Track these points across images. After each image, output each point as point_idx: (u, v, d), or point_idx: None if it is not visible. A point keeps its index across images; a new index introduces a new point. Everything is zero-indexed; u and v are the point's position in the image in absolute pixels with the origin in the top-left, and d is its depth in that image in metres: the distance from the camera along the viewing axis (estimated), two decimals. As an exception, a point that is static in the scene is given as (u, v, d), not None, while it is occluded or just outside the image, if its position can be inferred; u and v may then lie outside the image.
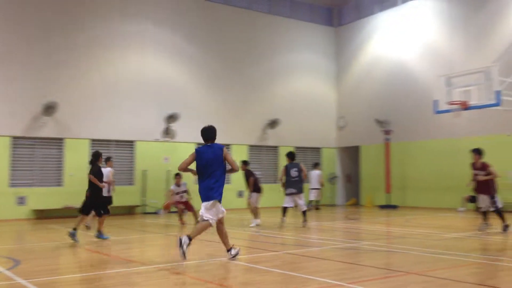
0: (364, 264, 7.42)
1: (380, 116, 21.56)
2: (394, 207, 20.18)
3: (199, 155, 7.90)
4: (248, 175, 13.45)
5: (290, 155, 13.26)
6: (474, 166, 11.37)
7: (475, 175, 11.32)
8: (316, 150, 23.70)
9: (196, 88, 20.60)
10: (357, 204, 22.96)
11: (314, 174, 19.30)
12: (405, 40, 21.32)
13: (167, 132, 19.45)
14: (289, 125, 22.43)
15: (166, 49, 19.91)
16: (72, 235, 9.95)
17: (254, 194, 13.35)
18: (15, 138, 16.83)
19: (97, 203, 10.63)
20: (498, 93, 13.62)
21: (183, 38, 20.38)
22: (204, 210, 7.69)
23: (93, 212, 10.86)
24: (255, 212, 13.30)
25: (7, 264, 7.68)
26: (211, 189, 7.58)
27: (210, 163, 7.70)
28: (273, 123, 21.82)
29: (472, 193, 17.83)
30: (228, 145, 21.14)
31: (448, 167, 19.10)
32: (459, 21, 19.27)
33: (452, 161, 19.04)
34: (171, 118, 19.23)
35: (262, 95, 22.18)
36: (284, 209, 13.06)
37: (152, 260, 8.11)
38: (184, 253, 7.46)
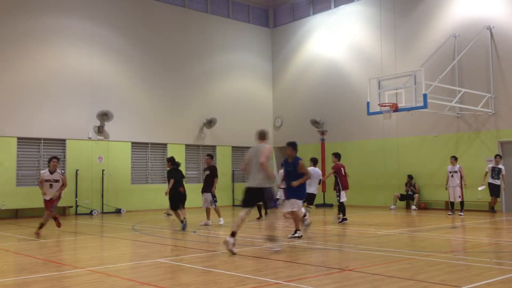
0: (301, 262, 7.55)
1: (315, 117, 22.04)
2: (329, 205, 20.70)
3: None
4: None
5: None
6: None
7: None
8: (254, 149, 23.82)
9: (132, 86, 20.12)
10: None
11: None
12: (339, 43, 21.94)
13: (101, 131, 18.86)
14: (226, 125, 22.44)
15: (100, 45, 19.29)
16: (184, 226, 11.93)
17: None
18: None
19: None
20: (425, 96, 14.30)
21: (119, 34, 19.83)
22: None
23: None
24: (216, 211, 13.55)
25: None
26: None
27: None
28: (210, 123, 21.73)
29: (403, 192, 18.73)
30: (164, 144, 20.84)
31: (381, 166, 19.87)
32: (388, 26, 20.09)
33: (384, 161, 19.83)
34: (105, 116, 18.66)
35: (199, 94, 22.02)
36: (259, 208, 14.71)
37: (86, 262, 7.83)
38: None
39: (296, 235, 9.95)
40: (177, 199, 12.55)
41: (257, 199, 8.69)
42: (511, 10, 16.69)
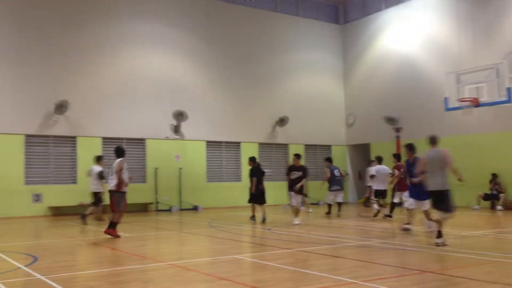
0: (378, 262, 7.42)
1: (389, 113, 21.48)
2: (398, 204, 20.05)
3: None
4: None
5: (330, 159, 15.96)
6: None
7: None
8: (326, 147, 23.68)
9: (206, 87, 20.66)
10: (368, 201, 22.87)
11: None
12: (413, 37, 21.21)
13: (177, 130, 19.55)
14: (298, 123, 22.43)
15: (176, 48, 19.99)
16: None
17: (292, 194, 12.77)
18: (29, 136, 17.00)
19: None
20: (509, 90, 13.53)
21: (193, 37, 20.43)
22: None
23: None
24: (295, 211, 12.70)
25: (25, 260, 7.79)
26: None
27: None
28: (282, 121, 21.84)
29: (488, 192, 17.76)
30: (238, 143, 21.21)
31: (461, 164, 18.91)
32: (467, 17, 19.13)
33: (465, 159, 18.91)
34: (180, 116, 19.32)
35: (270, 93, 22.19)
36: (329, 206, 15.38)
37: (166, 256, 8.18)
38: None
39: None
40: (257, 196, 13.87)
41: (439, 200, 8.78)
42: None
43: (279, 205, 18.96)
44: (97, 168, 14.18)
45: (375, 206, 14.54)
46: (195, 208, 19.21)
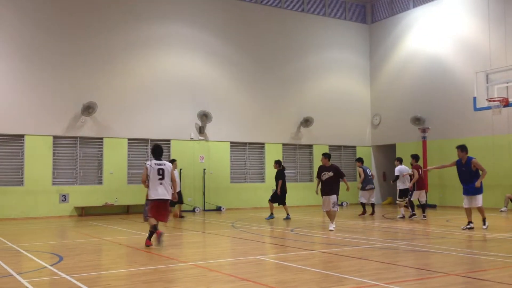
0: (402, 265, 7.33)
1: (416, 114, 21.19)
2: (432, 206, 19.78)
3: None
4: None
5: (361, 160, 16.35)
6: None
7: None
8: (351, 148, 23.50)
9: (230, 87, 20.74)
10: (393, 203, 22.60)
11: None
12: (441, 36, 20.87)
13: (202, 131, 19.69)
14: (323, 124, 22.31)
15: (201, 49, 20.13)
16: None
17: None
18: (57, 137, 17.37)
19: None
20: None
21: (217, 38, 20.54)
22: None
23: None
24: (329, 215, 12.04)
25: (51, 259, 7.96)
26: None
27: None
28: (306, 122, 21.76)
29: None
30: (262, 144, 21.23)
31: (488, 165, 18.54)
32: (497, 15, 18.72)
33: (492, 159, 18.53)
34: (205, 117, 19.45)
35: (295, 94, 22.13)
36: (364, 205, 15.85)
37: (189, 257, 8.24)
38: None
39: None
40: (281, 197, 14.94)
41: None
42: None
43: (303, 206, 18.88)
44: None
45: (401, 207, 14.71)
46: (218, 209, 19.30)
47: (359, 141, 23.62)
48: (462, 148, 11.55)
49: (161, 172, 9.14)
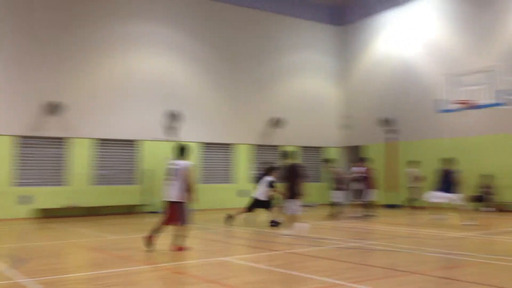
0: (367, 264, 7.38)
1: (384, 115, 21.49)
2: (398, 206, 20.08)
3: None
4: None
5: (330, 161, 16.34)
6: None
7: None
8: (320, 149, 23.65)
9: (200, 87, 20.58)
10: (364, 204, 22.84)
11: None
12: (410, 39, 21.22)
13: (171, 131, 19.47)
14: (293, 124, 22.37)
15: (169, 48, 19.90)
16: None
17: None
18: (20, 137, 16.85)
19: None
20: (503, 93, 13.53)
21: (187, 37, 20.36)
22: None
23: None
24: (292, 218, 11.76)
25: (11, 263, 7.69)
26: None
27: None
28: (277, 122, 21.79)
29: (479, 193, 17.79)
30: (231, 144, 21.15)
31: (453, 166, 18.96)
32: (463, 19, 19.16)
33: (458, 161, 18.93)
34: (174, 117, 19.25)
35: (266, 94, 22.14)
36: (338, 205, 15.58)
37: (153, 259, 8.10)
38: None
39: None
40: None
41: None
42: None
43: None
44: (269, 178, 13.40)
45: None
46: (187, 210, 19.09)
47: (328, 142, 23.80)
48: (448, 161, 13.11)
49: (174, 173, 8.83)
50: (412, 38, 21.14)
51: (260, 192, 13.29)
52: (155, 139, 19.19)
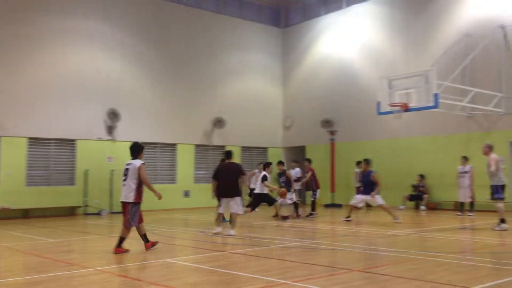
0: (309, 263, 7.53)
1: (325, 117, 21.99)
2: (338, 205, 20.62)
3: None
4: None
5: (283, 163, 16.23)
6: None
7: None
8: (263, 149, 23.86)
9: (142, 86, 20.20)
10: (303, 203, 23.25)
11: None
12: (350, 42, 21.86)
13: (110, 131, 18.98)
14: (236, 125, 22.44)
15: (111, 46, 19.40)
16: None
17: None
18: None
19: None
20: (436, 96, 14.19)
21: (127, 35, 19.92)
22: None
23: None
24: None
25: None
26: None
27: None
28: (219, 122, 21.76)
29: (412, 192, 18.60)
30: (174, 144, 20.91)
31: (391, 166, 19.75)
32: (399, 25, 19.98)
33: (393, 161, 19.72)
34: (114, 116, 18.78)
35: (209, 94, 22.05)
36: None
37: (94, 262, 7.87)
38: None
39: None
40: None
41: None
42: (523, 9, 16.52)
43: (215, 206, 18.81)
44: (263, 173, 14.12)
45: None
46: (128, 211, 18.66)
47: (270, 143, 24.05)
48: (367, 162, 13.60)
49: (125, 173, 8.76)
50: (351, 41, 21.79)
51: (260, 187, 13.90)
52: (95, 138, 18.66)
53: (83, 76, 18.61)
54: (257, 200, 13.95)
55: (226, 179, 10.96)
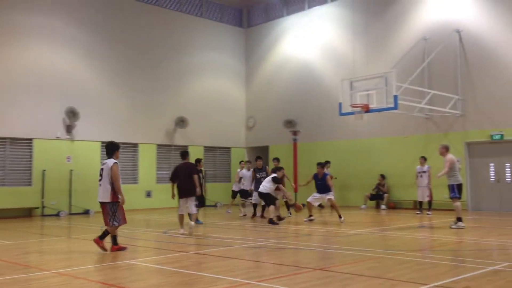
0: (272, 262, 7.55)
1: (288, 117, 22.14)
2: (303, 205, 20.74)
3: None
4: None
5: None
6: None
7: None
8: (226, 150, 23.80)
9: (102, 85, 19.78)
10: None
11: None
12: (312, 44, 22.09)
13: (69, 130, 18.50)
14: (199, 125, 22.30)
15: (70, 43, 18.90)
16: None
17: None
18: None
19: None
20: (395, 98, 14.51)
21: (90, 32, 19.47)
22: None
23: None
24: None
25: None
26: None
27: None
28: (182, 122, 21.56)
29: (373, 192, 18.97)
30: (135, 144, 20.59)
31: (352, 167, 20.09)
32: (360, 28, 20.33)
33: (355, 161, 20.05)
34: (73, 115, 18.32)
35: (171, 94, 21.82)
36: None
37: (52, 265, 7.65)
38: None
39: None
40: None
41: None
42: (480, 15, 17.11)
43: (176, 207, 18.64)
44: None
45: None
46: (86, 212, 18.25)
47: (234, 143, 24.02)
48: (321, 165, 14.05)
49: (101, 173, 8.76)
50: (313, 43, 22.04)
51: (267, 188, 13.83)
52: (53, 137, 18.15)
53: (41, 73, 18.07)
54: (265, 200, 13.74)
55: (183, 179, 11.16)
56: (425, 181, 15.77)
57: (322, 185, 13.77)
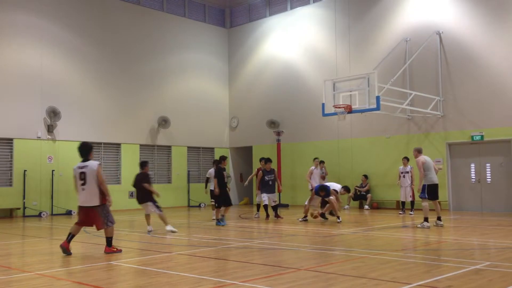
0: (257, 262, 7.56)
1: (271, 117, 22.18)
2: (285, 206, 20.83)
3: None
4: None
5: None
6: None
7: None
8: (209, 150, 23.74)
9: (84, 84, 19.58)
10: (250, 203, 23.37)
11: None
12: (294, 45, 22.16)
13: (51, 130, 18.27)
14: (182, 125, 22.22)
15: (51, 42, 18.67)
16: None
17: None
18: None
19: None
20: (377, 98, 14.64)
21: (70, 31, 19.26)
22: None
23: None
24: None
25: None
26: None
27: None
28: (165, 122, 21.45)
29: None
30: (118, 144, 20.43)
31: (334, 166, 20.20)
32: (343, 28, 20.47)
33: (337, 161, 20.18)
34: (55, 115, 18.10)
35: (154, 94, 21.70)
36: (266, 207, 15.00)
37: (34, 266, 7.55)
38: None
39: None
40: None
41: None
42: (460, 16, 17.36)
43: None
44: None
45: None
46: (69, 213, 18.06)
47: (217, 143, 23.98)
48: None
49: (82, 177, 8.36)
50: (295, 43, 22.12)
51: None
52: (33, 137, 17.91)
53: (21, 73, 17.82)
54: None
55: (137, 188, 11.93)
56: (407, 181, 15.93)
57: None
